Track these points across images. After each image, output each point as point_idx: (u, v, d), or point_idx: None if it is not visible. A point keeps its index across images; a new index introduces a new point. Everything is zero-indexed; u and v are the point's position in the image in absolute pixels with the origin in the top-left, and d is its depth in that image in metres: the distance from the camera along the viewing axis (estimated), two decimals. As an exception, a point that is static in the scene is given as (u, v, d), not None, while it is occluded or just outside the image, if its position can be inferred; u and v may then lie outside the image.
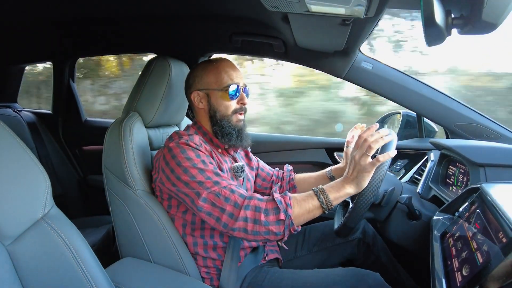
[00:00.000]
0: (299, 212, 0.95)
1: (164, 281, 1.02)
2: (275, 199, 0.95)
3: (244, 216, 0.93)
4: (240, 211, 0.94)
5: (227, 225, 0.95)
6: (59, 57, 2.18)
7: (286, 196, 0.96)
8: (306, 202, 0.96)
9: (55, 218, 0.71)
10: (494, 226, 0.69)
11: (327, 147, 1.82)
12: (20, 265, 0.66)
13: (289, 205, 0.94)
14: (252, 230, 0.94)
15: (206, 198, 0.97)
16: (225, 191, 0.97)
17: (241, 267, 1.14)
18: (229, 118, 1.13)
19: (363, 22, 1.05)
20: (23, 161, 0.68)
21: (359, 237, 1.32)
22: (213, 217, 0.97)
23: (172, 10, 1.51)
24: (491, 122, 1.47)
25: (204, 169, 1.00)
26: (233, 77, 1.13)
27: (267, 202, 0.95)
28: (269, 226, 0.93)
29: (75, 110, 2.28)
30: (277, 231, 0.94)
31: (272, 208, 0.94)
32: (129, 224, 1.11)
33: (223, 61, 1.16)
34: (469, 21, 0.64)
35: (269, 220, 0.93)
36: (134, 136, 1.13)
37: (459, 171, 1.24)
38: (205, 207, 0.97)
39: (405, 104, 1.55)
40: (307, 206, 0.96)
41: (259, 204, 0.94)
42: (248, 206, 0.94)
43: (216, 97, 1.13)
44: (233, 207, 0.95)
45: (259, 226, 0.93)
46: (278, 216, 0.93)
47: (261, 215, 0.93)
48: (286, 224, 0.94)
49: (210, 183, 0.98)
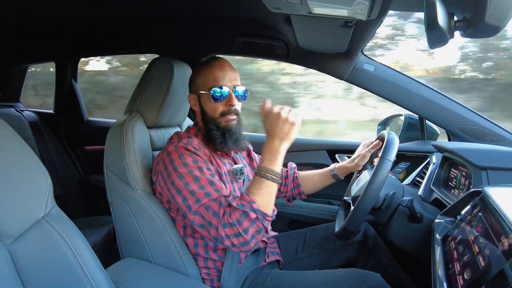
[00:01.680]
0: (262, 201, 0.96)
1: (165, 282, 1.02)
2: (236, 207, 0.95)
3: (226, 234, 0.94)
4: (221, 229, 0.94)
5: (217, 239, 0.96)
6: (61, 57, 2.19)
7: (244, 196, 0.96)
8: (260, 189, 0.97)
9: (56, 218, 0.71)
10: (496, 229, 0.69)
11: (329, 149, 1.81)
12: (21, 264, 0.66)
13: (251, 201, 0.94)
14: (239, 243, 0.94)
15: (197, 211, 0.97)
16: (215, 205, 0.96)
17: (242, 268, 1.14)
18: (216, 121, 1.12)
19: (366, 24, 1.05)
20: (25, 161, 0.68)
21: (360, 240, 1.32)
22: (205, 229, 0.98)
23: (174, 11, 1.51)
24: (494, 125, 1.46)
25: (199, 177, 0.99)
26: (219, 78, 1.10)
27: (233, 214, 0.94)
28: (249, 231, 0.93)
29: (77, 110, 2.29)
30: (257, 228, 0.95)
31: (240, 215, 0.93)
32: (130, 224, 1.11)
33: (214, 61, 1.14)
34: (472, 24, 0.64)
35: (245, 227, 0.93)
36: (136, 136, 1.13)
37: (461, 174, 1.23)
38: (197, 219, 0.98)
39: (407, 106, 1.54)
40: (263, 191, 0.97)
41: (230, 219, 0.94)
42: (224, 224, 0.94)
43: (204, 100, 1.13)
44: (218, 222, 0.95)
45: (242, 237, 0.93)
46: (249, 218, 0.93)
47: (237, 228, 0.93)
48: (260, 218, 0.94)
49: (201, 194, 0.97)
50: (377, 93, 1.56)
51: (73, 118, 2.29)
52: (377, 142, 1.29)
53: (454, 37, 0.66)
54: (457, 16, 0.66)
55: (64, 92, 2.25)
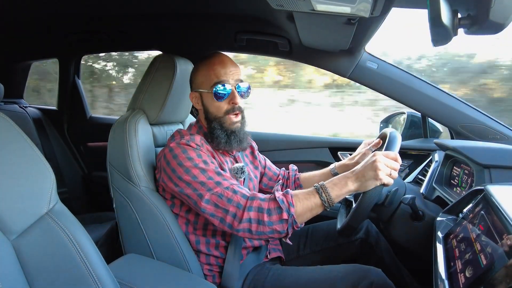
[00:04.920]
0: (301, 210, 0.95)
1: (167, 278, 1.02)
2: (276, 198, 0.95)
3: (248, 218, 0.93)
4: (244, 212, 0.94)
5: (231, 225, 0.96)
6: (64, 54, 2.19)
7: (288, 195, 0.96)
8: (308, 200, 0.96)
9: (59, 213, 0.71)
10: (498, 228, 0.68)
11: (331, 146, 1.81)
12: (25, 259, 0.67)
13: (291, 204, 0.94)
14: (256, 231, 0.94)
15: (209, 200, 0.97)
16: (228, 192, 0.96)
17: (243, 265, 1.15)
18: (221, 120, 1.10)
19: (369, 22, 1.05)
20: (28, 157, 0.69)
21: (362, 237, 1.32)
22: (217, 218, 0.97)
23: (177, 8, 1.51)
24: (497, 123, 1.46)
25: (206, 169, 0.99)
26: (220, 75, 1.08)
27: (269, 202, 0.95)
28: (273, 226, 0.93)
29: (80, 106, 2.29)
30: (281, 229, 0.94)
31: (274, 208, 0.94)
32: (133, 220, 1.11)
33: (214, 57, 1.11)
34: (476, 21, 0.63)
35: (272, 220, 0.93)
36: (139, 133, 1.14)
37: (464, 172, 1.23)
38: (208, 208, 0.97)
39: (409, 104, 1.54)
40: (308, 204, 0.95)
41: (262, 205, 0.94)
42: (251, 207, 0.94)
43: (207, 98, 1.11)
44: (236, 208, 0.95)
45: (263, 226, 0.93)
46: (281, 216, 0.93)
47: (264, 216, 0.93)
48: (290, 223, 0.94)
49: (212, 184, 0.98)
50: (379, 90, 1.55)
51: (76, 114, 2.30)
52: (378, 141, 1.28)
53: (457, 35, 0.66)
54: (461, 13, 0.65)
55: (67, 88, 2.26)
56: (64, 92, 2.27)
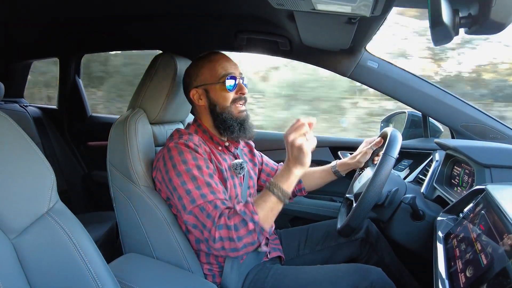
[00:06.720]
0: (264, 214, 0.95)
1: (167, 277, 1.02)
2: (238, 212, 0.95)
3: (219, 236, 0.94)
4: (216, 231, 0.94)
5: (208, 240, 0.96)
6: (65, 53, 2.19)
7: (249, 204, 0.96)
8: (266, 202, 0.96)
9: (59, 213, 0.71)
10: (499, 227, 0.68)
11: (331, 145, 1.81)
12: (25, 258, 0.67)
13: (254, 212, 0.94)
14: (229, 248, 0.95)
15: (191, 211, 0.98)
16: (209, 206, 0.97)
17: (243, 264, 1.15)
18: (229, 109, 1.13)
19: (370, 21, 1.04)
20: (29, 156, 0.69)
21: (362, 237, 1.32)
22: (198, 230, 0.98)
23: (178, 7, 1.51)
24: (498, 123, 1.45)
25: (197, 177, 0.99)
26: (227, 68, 1.12)
27: (233, 218, 0.94)
28: (243, 240, 0.94)
29: (81, 106, 2.30)
30: (252, 241, 0.95)
31: (239, 222, 0.94)
32: (133, 220, 1.11)
33: (216, 54, 1.16)
34: (477, 21, 0.63)
35: (240, 235, 0.93)
36: (139, 132, 1.13)
37: (464, 171, 1.23)
38: (190, 219, 0.98)
39: (410, 103, 1.54)
40: (268, 205, 0.96)
41: (228, 222, 0.94)
42: (220, 226, 0.94)
43: (214, 91, 1.13)
44: (212, 224, 0.95)
45: (234, 243, 0.93)
46: (247, 228, 0.93)
47: (232, 233, 0.93)
48: (257, 231, 0.94)
49: (197, 195, 0.98)
50: (380, 90, 1.55)
51: (76, 114, 2.30)
52: (379, 140, 1.28)
53: (458, 34, 0.66)
54: (462, 13, 0.65)
55: (67, 88, 2.26)
56: (64, 91, 2.27)
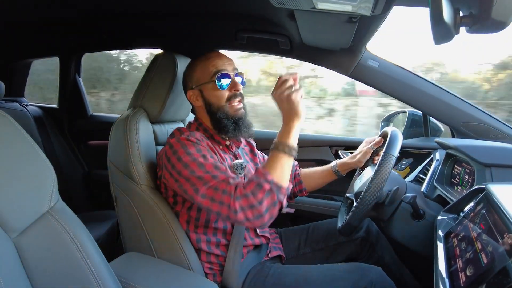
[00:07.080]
0: (276, 173, 0.95)
1: (167, 276, 1.03)
2: (251, 179, 0.95)
3: (240, 206, 0.92)
4: (235, 202, 0.93)
5: (229, 217, 0.94)
6: (65, 52, 2.19)
7: (258, 169, 0.97)
8: (274, 162, 0.97)
9: (60, 211, 0.71)
10: (499, 227, 0.68)
11: (332, 145, 1.81)
12: (26, 257, 0.67)
13: (266, 173, 0.94)
14: (253, 216, 0.92)
15: (204, 194, 0.96)
16: (223, 184, 0.96)
17: (244, 263, 1.15)
18: (224, 108, 1.12)
19: (370, 20, 1.04)
20: (30, 155, 0.69)
21: (362, 236, 1.32)
22: (214, 212, 0.96)
23: (178, 6, 1.51)
24: (498, 122, 1.45)
25: (204, 164, 0.99)
26: (218, 65, 1.11)
27: (248, 185, 0.94)
28: (264, 203, 0.92)
29: (81, 105, 2.30)
30: (272, 201, 0.94)
31: (255, 187, 0.93)
32: (133, 219, 1.11)
33: (210, 53, 1.15)
34: (478, 20, 0.63)
35: (260, 199, 0.92)
36: (140, 131, 1.14)
37: (465, 171, 1.23)
38: (205, 202, 0.96)
39: (411, 103, 1.54)
40: (278, 164, 0.96)
41: (244, 191, 0.93)
42: (238, 197, 0.93)
43: (207, 90, 1.13)
44: (230, 198, 0.94)
45: (257, 209, 0.92)
46: (263, 189, 0.93)
47: (251, 199, 0.92)
48: (275, 190, 0.94)
49: (208, 177, 0.97)
50: (380, 89, 1.55)
51: (77, 113, 2.30)
52: (380, 139, 1.28)
53: (459, 33, 0.66)
54: (462, 11, 0.65)
55: (68, 87, 2.26)
56: (64, 90, 2.27)
